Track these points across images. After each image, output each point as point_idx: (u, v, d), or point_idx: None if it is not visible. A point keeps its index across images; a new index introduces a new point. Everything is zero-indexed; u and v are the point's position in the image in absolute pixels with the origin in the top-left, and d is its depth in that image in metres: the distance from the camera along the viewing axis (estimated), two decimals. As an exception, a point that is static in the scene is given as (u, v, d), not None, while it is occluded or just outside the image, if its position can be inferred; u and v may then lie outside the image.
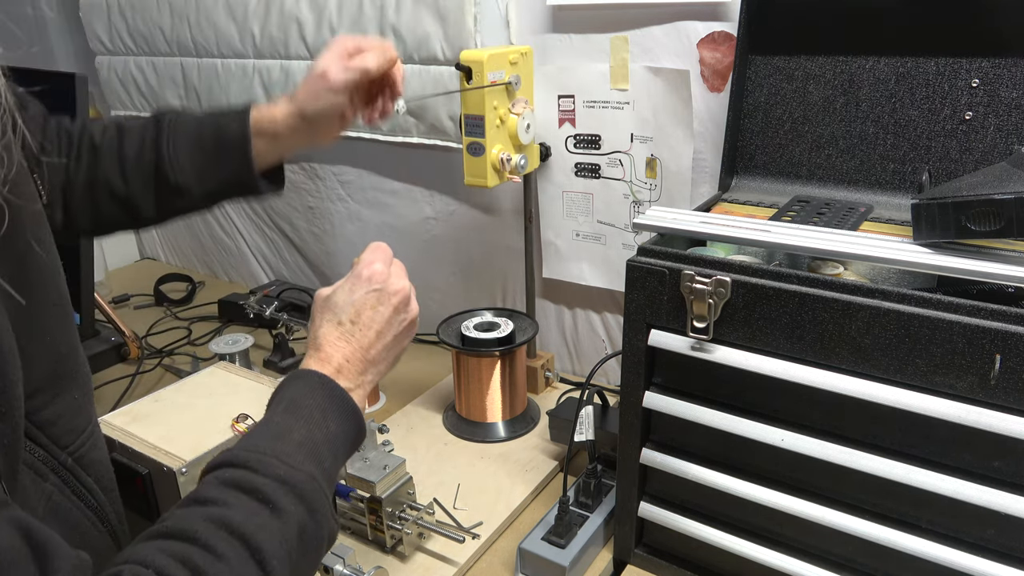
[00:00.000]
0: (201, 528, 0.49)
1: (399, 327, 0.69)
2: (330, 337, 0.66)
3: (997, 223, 0.61)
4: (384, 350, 0.68)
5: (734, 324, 0.67)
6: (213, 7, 1.44)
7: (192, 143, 0.79)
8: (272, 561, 0.50)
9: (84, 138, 0.81)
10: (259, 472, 0.53)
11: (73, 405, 0.61)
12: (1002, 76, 0.77)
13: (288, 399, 0.61)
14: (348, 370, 0.65)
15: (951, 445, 0.61)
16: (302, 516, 0.53)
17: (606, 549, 0.89)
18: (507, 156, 1.02)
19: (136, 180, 0.79)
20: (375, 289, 0.68)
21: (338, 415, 0.61)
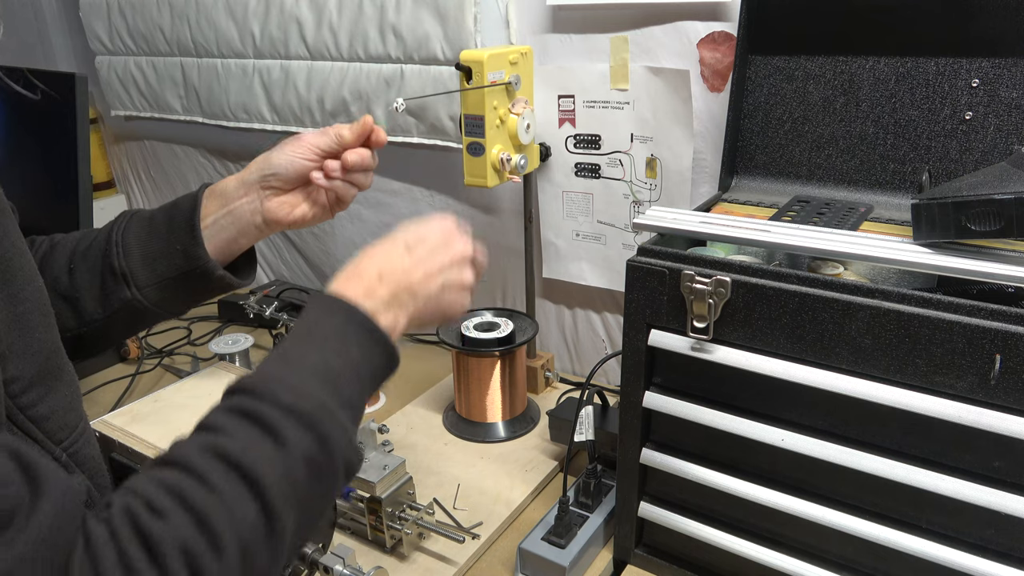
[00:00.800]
0: (197, 458, 0.48)
1: (448, 278, 0.64)
2: (376, 256, 0.62)
3: (997, 223, 0.61)
4: (425, 290, 0.62)
5: (734, 324, 0.67)
6: (213, 7, 1.43)
7: (144, 223, 0.74)
8: (270, 493, 0.47)
9: (44, 242, 0.76)
10: (264, 399, 0.51)
11: (64, 402, 0.61)
12: (1002, 76, 0.77)
13: (306, 325, 0.57)
14: (382, 291, 0.59)
15: (951, 445, 0.61)
16: (309, 446, 0.50)
17: (606, 549, 0.89)
18: (507, 156, 1.02)
19: (82, 271, 0.73)
20: (444, 230, 0.65)
21: (361, 341, 0.57)
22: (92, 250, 0.74)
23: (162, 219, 0.74)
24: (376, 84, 1.28)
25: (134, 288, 0.72)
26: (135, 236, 0.73)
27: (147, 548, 0.43)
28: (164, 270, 0.73)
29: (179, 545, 0.44)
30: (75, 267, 0.73)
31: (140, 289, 0.72)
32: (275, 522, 0.48)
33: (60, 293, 0.73)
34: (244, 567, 0.46)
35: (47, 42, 1.81)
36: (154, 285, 0.73)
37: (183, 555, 0.43)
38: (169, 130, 1.71)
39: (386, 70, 1.26)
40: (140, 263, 0.73)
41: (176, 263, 0.73)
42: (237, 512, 0.46)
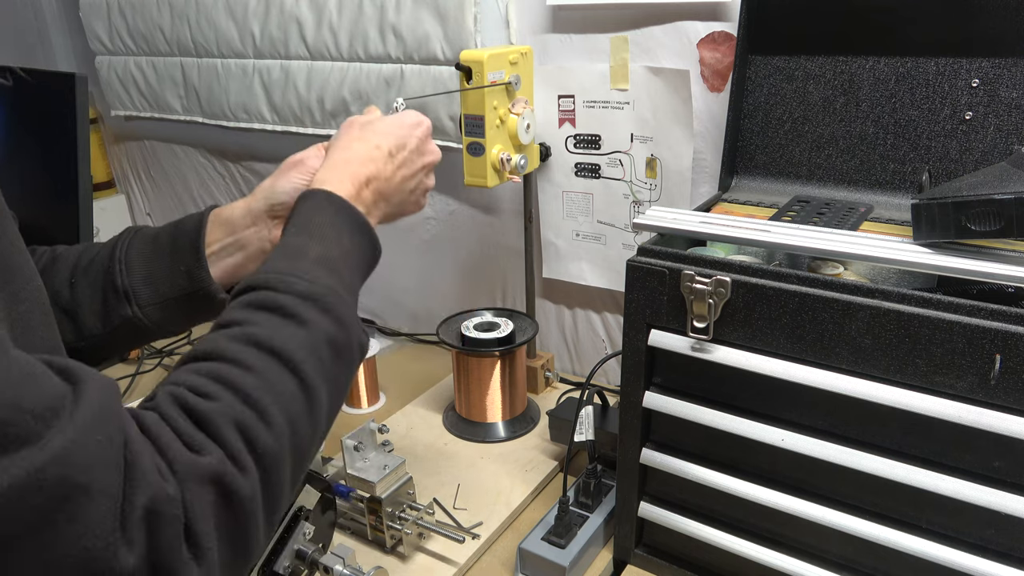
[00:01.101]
0: (228, 346, 0.50)
1: (418, 184, 0.71)
2: (362, 155, 0.66)
3: (997, 223, 0.61)
4: (399, 194, 0.68)
5: (734, 324, 0.67)
6: (213, 7, 1.44)
7: (147, 242, 0.74)
8: (304, 367, 0.51)
9: (45, 253, 0.76)
10: (280, 290, 0.54)
11: None
12: (1002, 76, 0.77)
13: (298, 221, 0.60)
14: (365, 193, 0.65)
15: (951, 445, 0.61)
16: (329, 326, 0.54)
17: (606, 549, 0.89)
18: (507, 156, 1.02)
19: (84, 286, 0.73)
20: (420, 137, 0.70)
21: (351, 231, 0.61)
22: (94, 265, 0.74)
23: (166, 239, 0.74)
24: (376, 84, 1.28)
25: (135, 306, 0.72)
26: (138, 254, 0.73)
27: (200, 424, 0.45)
28: (167, 290, 0.73)
29: (231, 420, 0.46)
30: (76, 281, 0.73)
31: (142, 308, 0.72)
32: (313, 394, 0.51)
33: (60, 306, 0.73)
34: (292, 436, 0.49)
35: (47, 42, 1.81)
36: (156, 304, 0.73)
37: (236, 428, 0.46)
38: (169, 130, 1.71)
39: (386, 70, 1.26)
40: (142, 282, 0.73)
41: (179, 284, 0.73)
42: (278, 387, 0.49)
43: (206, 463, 0.44)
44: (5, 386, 0.37)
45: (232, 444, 0.45)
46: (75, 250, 0.77)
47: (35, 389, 0.39)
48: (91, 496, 0.38)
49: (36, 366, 0.40)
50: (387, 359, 1.37)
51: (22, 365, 0.39)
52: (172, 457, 0.43)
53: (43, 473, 0.37)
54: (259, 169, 1.60)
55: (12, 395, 0.37)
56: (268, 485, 0.47)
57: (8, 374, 0.38)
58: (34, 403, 0.38)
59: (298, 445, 0.50)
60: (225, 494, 0.44)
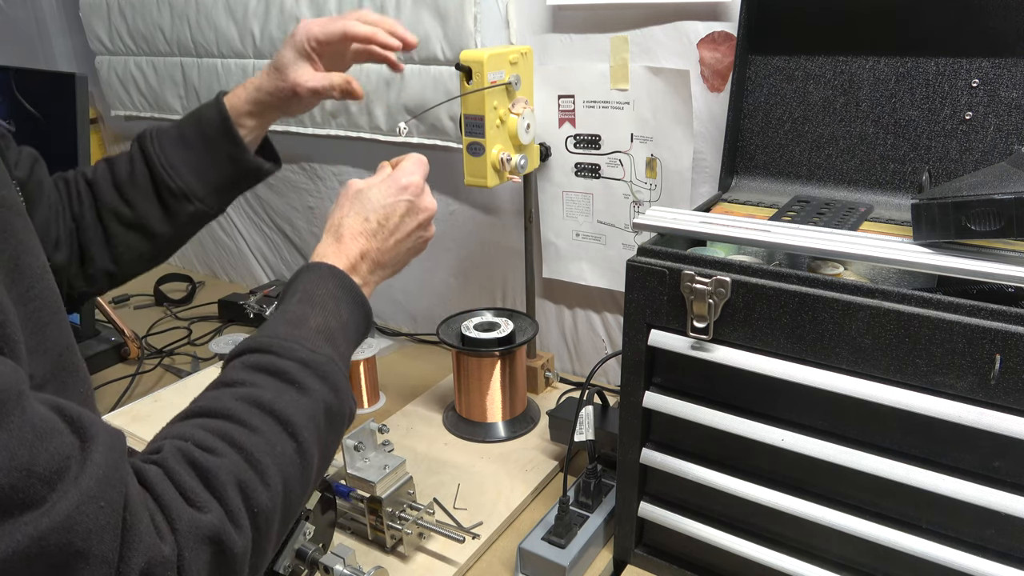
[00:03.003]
0: (234, 406, 0.52)
1: (415, 242, 0.73)
2: (354, 230, 0.69)
3: (997, 223, 0.61)
4: (395, 257, 0.71)
5: (734, 324, 0.67)
6: (213, 7, 1.44)
7: (177, 144, 0.80)
8: (304, 433, 0.53)
9: (79, 178, 0.82)
10: (282, 356, 0.56)
11: (79, 398, 0.61)
12: (1002, 76, 0.77)
13: (302, 290, 0.63)
14: (361, 267, 0.68)
15: (951, 445, 0.61)
16: (327, 395, 0.56)
17: (606, 549, 0.89)
18: (507, 156, 1.02)
19: (139, 199, 0.80)
20: (409, 199, 0.72)
21: (349, 304, 0.64)
22: (138, 178, 0.81)
23: (193, 134, 0.81)
24: (376, 84, 1.28)
25: (196, 201, 0.81)
26: (178, 156, 0.81)
27: (204, 481, 0.46)
28: (218, 178, 0.82)
29: (234, 478, 0.47)
30: (130, 198, 0.80)
31: (202, 200, 0.81)
32: (307, 458, 0.53)
33: (127, 224, 0.81)
34: (285, 497, 0.51)
35: (47, 42, 1.81)
36: (212, 193, 0.82)
37: (238, 487, 0.48)
38: (169, 130, 1.71)
39: (386, 70, 1.26)
40: (195, 178, 0.81)
41: (226, 171, 0.82)
42: (278, 448, 0.51)
43: (207, 522, 0.45)
44: (20, 448, 0.37)
45: (232, 502, 0.47)
46: (103, 168, 0.83)
47: (47, 450, 0.39)
48: (89, 562, 0.39)
49: (49, 420, 0.40)
50: (387, 359, 1.37)
51: (36, 424, 0.39)
52: (174, 515, 0.44)
53: (46, 540, 0.37)
54: (259, 169, 1.59)
55: (27, 459, 0.37)
56: (258, 542, 0.49)
57: (23, 435, 0.38)
58: (45, 466, 0.38)
59: (289, 505, 0.52)
60: (220, 552, 0.45)
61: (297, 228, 1.59)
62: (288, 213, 1.59)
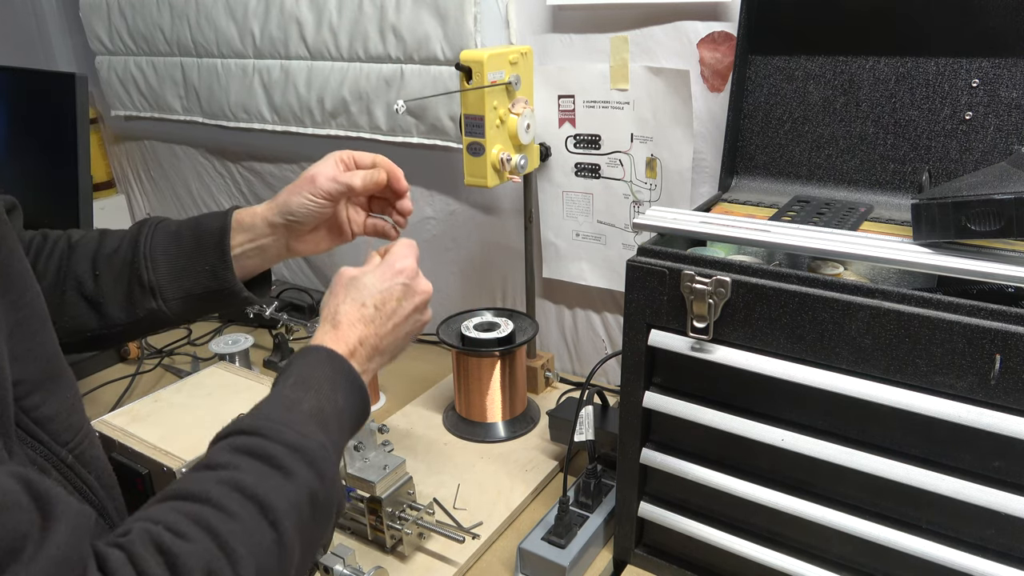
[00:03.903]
0: (213, 489, 0.50)
1: (412, 326, 0.71)
2: (351, 316, 0.67)
3: (997, 223, 0.61)
4: (394, 343, 0.69)
5: (734, 324, 0.67)
6: (213, 7, 1.44)
7: (170, 238, 0.77)
8: (284, 522, 0.50)
9: (63, 238, 0.78)
10: (271, 438, 0.54)
11: (67, 404, 0.61)
12: (1002, 76, 0.77)
13: (298, 373, 0.61)
14: (360, 353, 0.66)
15: (951, 445, 0.61)
16: (313, 482, 0.54)
17: (606, 549, 0.89)
18: (507, 156, 1.02)
19: (107, 277, 0.75)
20: (404, 283, 0.70)
21: (346, 390, 0.62)
22: (117, 257, 0.76)
23: (189, 236, 0.77)
24: (376, 84, 1.28)
25: (160, 300, 0.75)
26: (163, 251, 0.76)
27: (171, 567, 0.44)
28: (191, 287, 0.76)
29: (203, 565, 0.45)
30: (100, 273, 0.76)
31: (166, 302, 0.75)
32: (286, 549, 0.51)
33: (84, 296, 0.75)
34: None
35: (47, 42, 1.81)
36: (180, 299, 0.76)
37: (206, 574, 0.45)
38: (169, 130, 1.71)
39: (386, 70, 1.26)
40: (168, 278, 0.75)
41: (203, 282, 0.76)
42: (255, 537, 0.49)
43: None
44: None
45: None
46: (92, 238, 0.78)
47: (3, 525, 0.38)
48: None
49: (11, 494, 0.39)
50: (387, 359, 1.36)
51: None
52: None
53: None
54: (259, 169, 1.60)
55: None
56: None
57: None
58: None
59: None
60: None
61: (297, 228, 1.59)
62: (288, 213, 1.59)
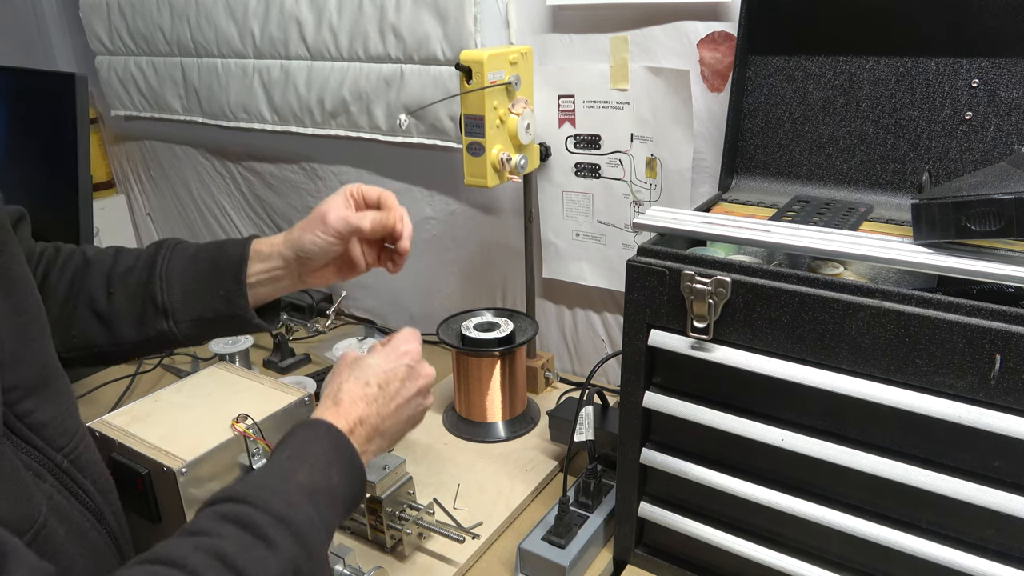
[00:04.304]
0: (192, 556, 0.48)
1: (414, 409, 0.70)
2: (353, 394, 0.66)
3: (997, 223, 0.61)
4: (395, 425, 0.68)
5: (734, 324, 0.67)
6: (213, 7, 1.44)
7: (187, 261, 0.77)
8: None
9: (75, 254, 0.78)
10: (258, 508, 0.53)
11: (61, 409, 0.62)
12: (1002, 76, 0.77)
13: (294, 445, 0.61)
14: (359, 432, 0.64)
15: (951, 445, 0.61)
16: (299, 557, 0.52)
17: (606, 549, 0.89)
18: (507, 156, 1.02)
19: (121, 295, 0.76)
20: (408, 364, 0.70)
21: (343, 468, 0.61)
22: (132, 276, 0.76)
23: (207, 262, 0.77)
24: (376, 84, 1.28)
25: (172, 322, 0.75)
26: (180, 273, 0.76)
27: None
28: (203, 310, 0.76)
29: None
30: (114, 292, 0.76)
31: (177, 324, 0.76)
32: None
33: (96, 312, 0.75)
34: None
35: (47, 42, 1.81)
36: (191, 321, 0.76)
37: None
38: (169, 130, 1.71)
39: (386, 70, 1.26)
40: (181, 300, 0.76)
41: (216, 307, 0.76)
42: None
43: None
44: None
45: None
46: (107, 255, 0.79)
47: None
48: None
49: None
50: (387, 359, 1.36)
51: None
52: None
53: None
54: (259, 169, 1.60)
55: None
56: None
57: None
58: None
59: None
60: None
61: (297, 228, 1.59)
62: (288, 213, 1.59)
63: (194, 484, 0.66)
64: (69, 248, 0.79)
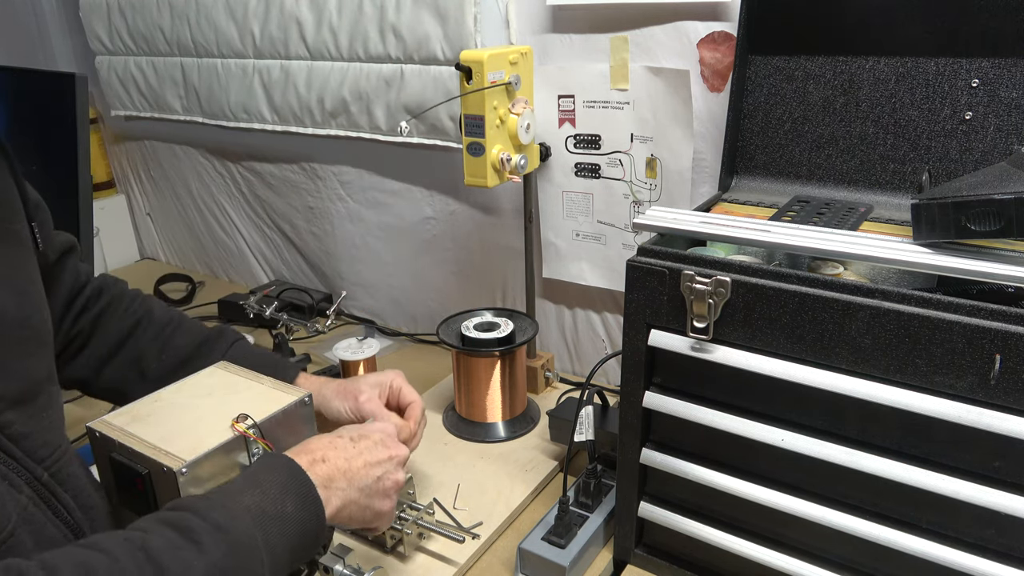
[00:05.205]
0: (118, 546, 0.49)
1: (383, 473, 0.70)
2: (322, 440, 0.69)
3: (997, 223, 0.61)
4: (363, 479, 0.67)
5: (734, 324, 0.67)
6: (213, 7, 1.44)
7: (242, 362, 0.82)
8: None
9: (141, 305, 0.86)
10: (198, 514, 0.53)
11: (45, 423, 0.63)
12: (1002, 76, 0.77)
13: (251, 472, 0.61)
14: (320, 470, 0.64)
15: (951, 445, 0.61)
16: (229, 566, 0.52)
17: (606, 549, 0.89)
18: (507, 156, 1.02)
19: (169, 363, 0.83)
20: (384, 433, 0.73)
21: (298, 499, 0.60)
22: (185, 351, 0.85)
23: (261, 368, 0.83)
24: (376, 84, 1.28)
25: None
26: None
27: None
28: None
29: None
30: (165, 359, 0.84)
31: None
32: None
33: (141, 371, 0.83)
34: None
35: (47, 42, 1.81)
36: None
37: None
38: (169, 130, 1.71)
39: (386, 70, 1.26)
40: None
41: None
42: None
43: None
44: None
45: None
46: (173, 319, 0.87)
47: None
48: None
49: None
50: (387, 359, 1.37)
51: None
52: None
53: None
54: (259, 169, 1.60)
55: None
56: None
57: None
58: None
59: None
60: None
61: (297, 228, 1.59)
62: (288, 213, 1.59)
63: (194, 484, 0.66)
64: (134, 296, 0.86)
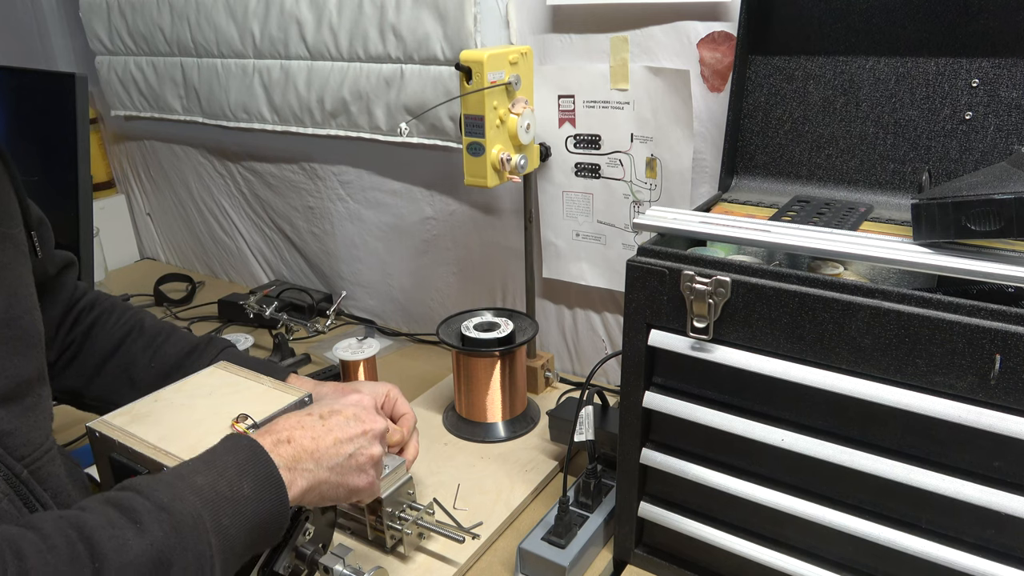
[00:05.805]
0: (50, 523, 0.48)
1: (357, 448, 0.67)
2: (290, 420, 0.66)
3: (997, 223, 0.61)
4: (333, 457, 0.65)
5: (734, 324, 0.67)
6: (213, 7, 1.44)
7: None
8: (110, 572, 0.47)
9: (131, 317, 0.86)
10: (142, 494, 0.52)
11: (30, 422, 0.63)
12: (1002, 76, 0.77)
13: (210, 453, 0.59)
14: (285, 451, 0.62)
15: (951, 445, 0.61)
16: (172, 548, 0.50)
17: (606, 549, 0.89)
18: (507, 156, 1.02)
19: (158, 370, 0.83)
20: (359, 407, 0.70)
21: (256, 481, 0.58)
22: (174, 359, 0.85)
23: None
24: (376, 84, 1.28)
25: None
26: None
27: None
28: None
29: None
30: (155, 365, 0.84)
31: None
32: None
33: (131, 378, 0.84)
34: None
35: (47, 42, 1.81)
36: None
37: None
38: (169, 130, 1.71)
39: (386, 70, 1.26)
40: None
41: None
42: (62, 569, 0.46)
43: None
44: None
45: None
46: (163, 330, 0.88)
47: None
48: None
49: None
50: (387, 359, 1.37)
51: None
52: None
53: None
54: (259, 169, 1.60)
55: None
56: None
57: None
58: None
59: None
60: None
61: (297, 228, 1.59)
62: (288, 213, 1.59)
63: (194, 484, 0.66)
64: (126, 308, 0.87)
